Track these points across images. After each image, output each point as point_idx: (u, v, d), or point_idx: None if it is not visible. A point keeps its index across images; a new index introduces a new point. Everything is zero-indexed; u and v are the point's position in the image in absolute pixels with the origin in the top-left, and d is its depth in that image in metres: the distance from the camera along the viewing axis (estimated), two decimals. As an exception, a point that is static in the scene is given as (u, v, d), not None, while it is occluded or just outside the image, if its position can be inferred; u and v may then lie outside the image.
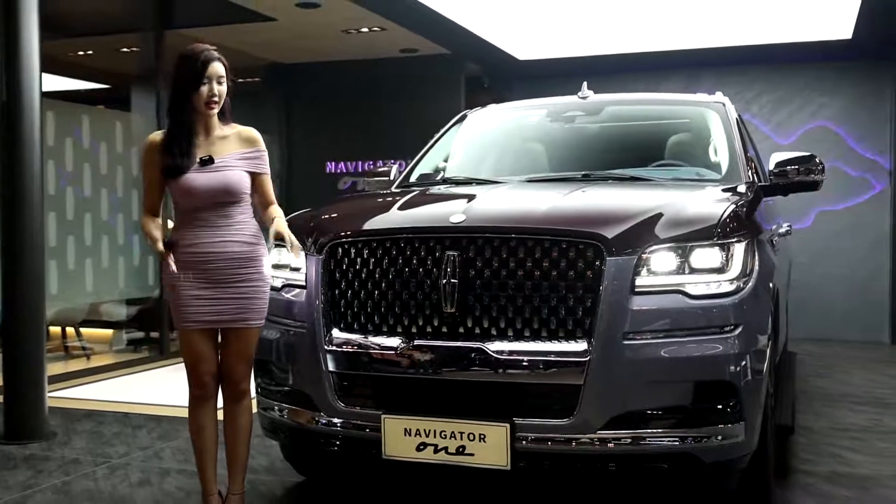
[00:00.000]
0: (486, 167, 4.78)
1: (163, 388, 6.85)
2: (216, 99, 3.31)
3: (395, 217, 3.54)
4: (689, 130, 4.80)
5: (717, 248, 3.17)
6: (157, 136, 3.36)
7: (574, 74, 10.11)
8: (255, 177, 3.42)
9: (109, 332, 8.50)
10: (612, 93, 5.49)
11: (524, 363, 3.09)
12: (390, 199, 3.84)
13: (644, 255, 3.10)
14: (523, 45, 9.45)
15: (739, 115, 5.07)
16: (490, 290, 3.16)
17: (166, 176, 3.29)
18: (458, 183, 4.41)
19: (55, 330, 7.94)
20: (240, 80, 10.87)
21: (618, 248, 3.08)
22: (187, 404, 3.47)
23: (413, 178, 4.81)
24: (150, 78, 8.18)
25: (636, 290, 3.07)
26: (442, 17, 8.07)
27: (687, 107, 4.98)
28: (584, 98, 5.08)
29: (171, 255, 3.25)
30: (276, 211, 3.47)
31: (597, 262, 3.09)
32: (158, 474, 4.42)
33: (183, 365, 3.43)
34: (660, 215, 3.24)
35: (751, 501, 3.51)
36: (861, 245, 9.57)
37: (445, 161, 5.00)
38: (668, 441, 3.07)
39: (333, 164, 10.22)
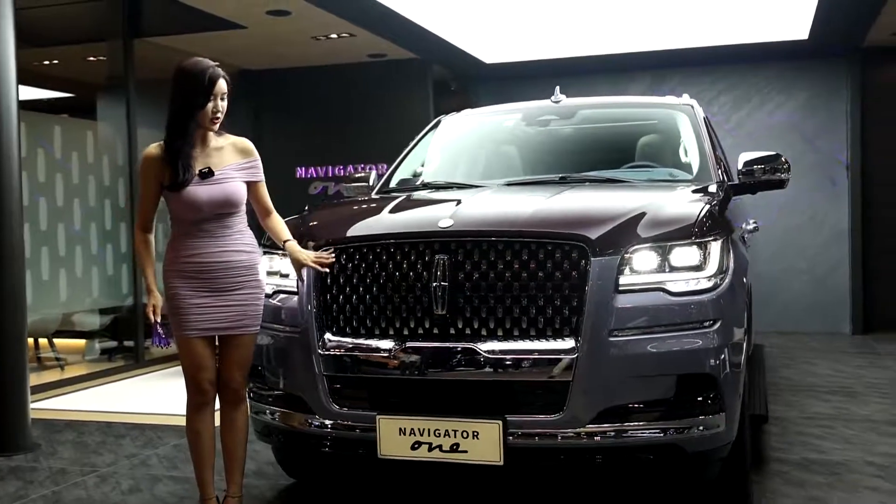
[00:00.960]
0: (464, 171, 4.89)
1: (140, 397, 6.86)
2: (220, 116, 3.39)
3: (384, 222, 3.63)
4: (660, 132, 4.95)
5: (695, 247, 3.31)
6: (154, 149, 3.42)
7: (539, 76, 10.34)
8: (250, 185, 3.52)
9: (84, 341, 8.46)
10: (579, 95, 5.62)
11: (514, 362, 3.20)
12: (377, 204, 3.94)
13: (626, 255, 3.23)
14: (490, 48, 9.58)
15: (706, 116, 5.23)
16: (479, 291, 3.27)
17: (170, 190, 3.35)
18: (439, 188, 4.49)
19: (28, 341, 7.90)
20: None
21: (601, 248, 3.21)
22: (185, 411, 3.52)
23: (393, 184, 4.89)
24: (118, 87, 8.17)
25: (620, 288, 3.20)
26: (410, 22, 8.17)
27: (657, 109, 5.13)
28: (557, 102, 5.20)
29: (159, 321, 3.40)
30: (279, 223, 3.60)
31: (582, 263, 3.21)
32: (149, 481, 4.47)
33: (158, 374, 3.51)
34: (640, 216, 3.37)
35: (730, 489, 3.66)
36: (821, 239, 9.84)
37: (423, 166, 5.09)
38: (654, 433, 3.19)
39: (303, 169, 10.27)
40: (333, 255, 3.46)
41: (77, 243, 7.74)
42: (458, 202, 3.65)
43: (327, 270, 3.45)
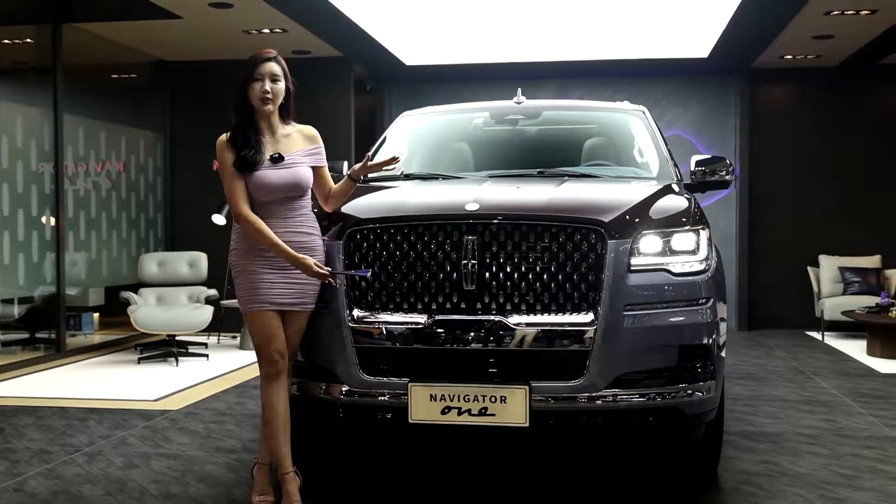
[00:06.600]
0: (443, 164, 5.16)
1: (76, 384, 6.77)
2: (269, 95, 3.57)
3: (410, 205, 3.90)
4: (618, 134, 5.39)
5: (691, 234, 3.75)
6: (225, 136, 3.62)
7: (451, 80, 10.75)
8: (315, 169, 3.74)
9: (5, 330, 8.21)
10: (487, 100, 5.99)
11: (539, 333, 3.53)
12: (389, 190, 4.19)
13: (637, 239, 3.62)
14: (411, 49, 9.88)
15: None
16: (506, 269, 3.58)
17: (239, 171, 3.52)
18: (424, 178, 4.75)
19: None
20: (124, 76, 10.60)
21: (616, 232, 3.59)
22: (259, 384, 3.65)
23: (370, 174, 5.10)
24: (46, 71, 8.00)
25: (631, 268, 3.59)
26: (346, 19, 8.33)
27: (613, 113, 5.57)
28: (518, 103, 5.56)
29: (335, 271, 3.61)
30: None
31: (599, 245, 3.58)
32: (141, 458, 4.54)
33: (81, 364, 3.56)
34: (643, 205, 3.78)
35: (707, 450, 4.12)
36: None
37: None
38: (659, 397, 3.59)
39: (220, 162, 10.24)
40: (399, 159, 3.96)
41: (4, 229, 7.54)
42: (475, 189, 3.95)
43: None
